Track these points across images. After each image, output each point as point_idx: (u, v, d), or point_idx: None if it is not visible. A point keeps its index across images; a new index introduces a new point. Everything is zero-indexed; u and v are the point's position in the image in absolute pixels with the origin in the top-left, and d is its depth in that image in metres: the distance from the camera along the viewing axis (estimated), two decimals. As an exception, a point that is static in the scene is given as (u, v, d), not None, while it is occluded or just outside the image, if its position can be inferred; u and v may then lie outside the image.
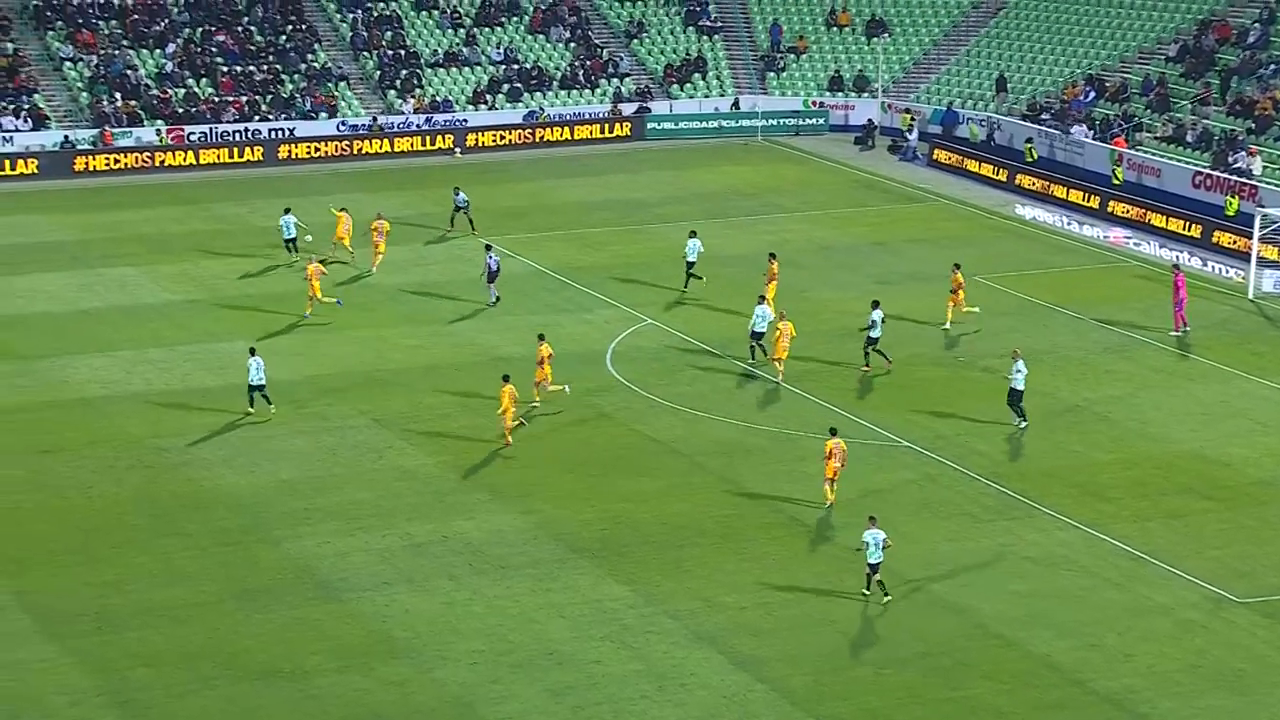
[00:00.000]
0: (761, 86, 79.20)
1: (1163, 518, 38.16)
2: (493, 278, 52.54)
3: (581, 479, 40.28)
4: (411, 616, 33.64)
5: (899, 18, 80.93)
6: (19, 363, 47.79)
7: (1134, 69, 71.78)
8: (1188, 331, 50.04)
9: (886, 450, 41.87)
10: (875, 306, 46.76)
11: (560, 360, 48.12)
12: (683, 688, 31.16)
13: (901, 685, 31.22)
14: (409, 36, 79.19)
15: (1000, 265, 57.43)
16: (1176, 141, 65.44)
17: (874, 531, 34.46)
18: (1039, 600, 34.33)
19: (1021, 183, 66.58)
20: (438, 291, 53.83)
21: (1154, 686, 31.12)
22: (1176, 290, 50.10)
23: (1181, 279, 50.42)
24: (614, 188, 67.99)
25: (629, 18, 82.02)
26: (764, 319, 46.97)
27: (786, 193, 67.37)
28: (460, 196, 60.07)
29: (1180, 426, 43.45)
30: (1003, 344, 48.86)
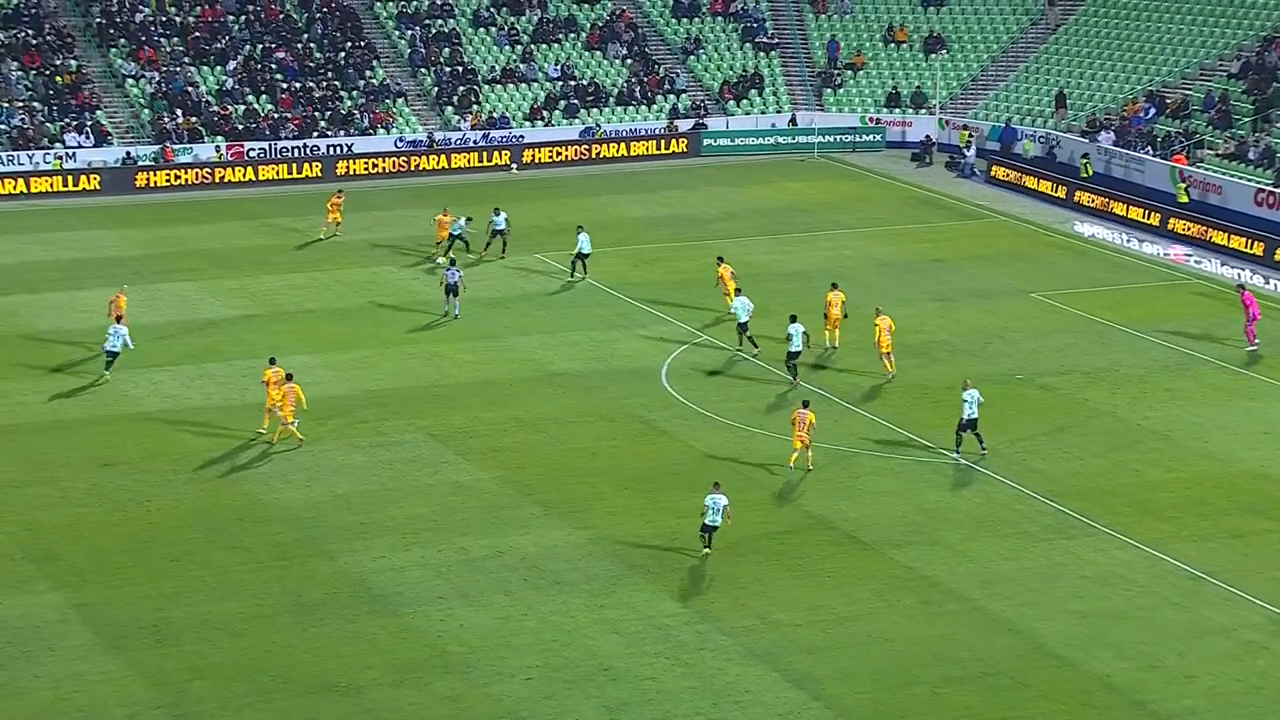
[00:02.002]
0: (818, 103, 79.09)
1: (1224, 537, 37.83)
2: (452, 291, 52.52)
3: (637, 495, 40.28)
4: (466, 631, 33.69)
5: (957, 34, 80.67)
6: (81, 377, 48.20)
7: (1195, 85, 71.28)
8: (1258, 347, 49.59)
9: (944, 468, 41.69)
10: (793, 320, 46.33)
11: (616, 376, 48.26)
12: (737, 705, 31.06)
13: (959, 705, 31.03)
14: (466, 53, 79.57)
15: (1059, 282, 57.14)
16: (1238, 158, 64.93)
17: (716, 497, 36.32)
18: (1098, 620, 34.10)
19: (1080, 199, 66.22)
20: (494, 307, 53.93)
21: (1215, 708, 30.84)
22: (1247, 308, 49.67)
23: (1249, 297, 50.02)
24: (670, 204, 68.04)
25: (686, 34, 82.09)
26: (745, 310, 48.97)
27: (844, 209, 67.25)
28: (500, 218, 59.30)
29: (1241, 445, 43.07)
30: (1062, 362, 48.61)
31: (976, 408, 41.89)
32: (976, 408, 41.89)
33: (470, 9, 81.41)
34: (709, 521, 36.65)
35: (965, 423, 41.91)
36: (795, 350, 46.09)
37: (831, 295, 49.72)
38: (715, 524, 36.66)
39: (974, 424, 41.98)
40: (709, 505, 36.64)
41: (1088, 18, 78.86)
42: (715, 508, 36.59)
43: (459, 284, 52.64)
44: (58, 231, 64.25)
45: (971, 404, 41.89)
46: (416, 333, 52.22)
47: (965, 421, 41.90)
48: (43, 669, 32.29)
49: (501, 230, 59.49)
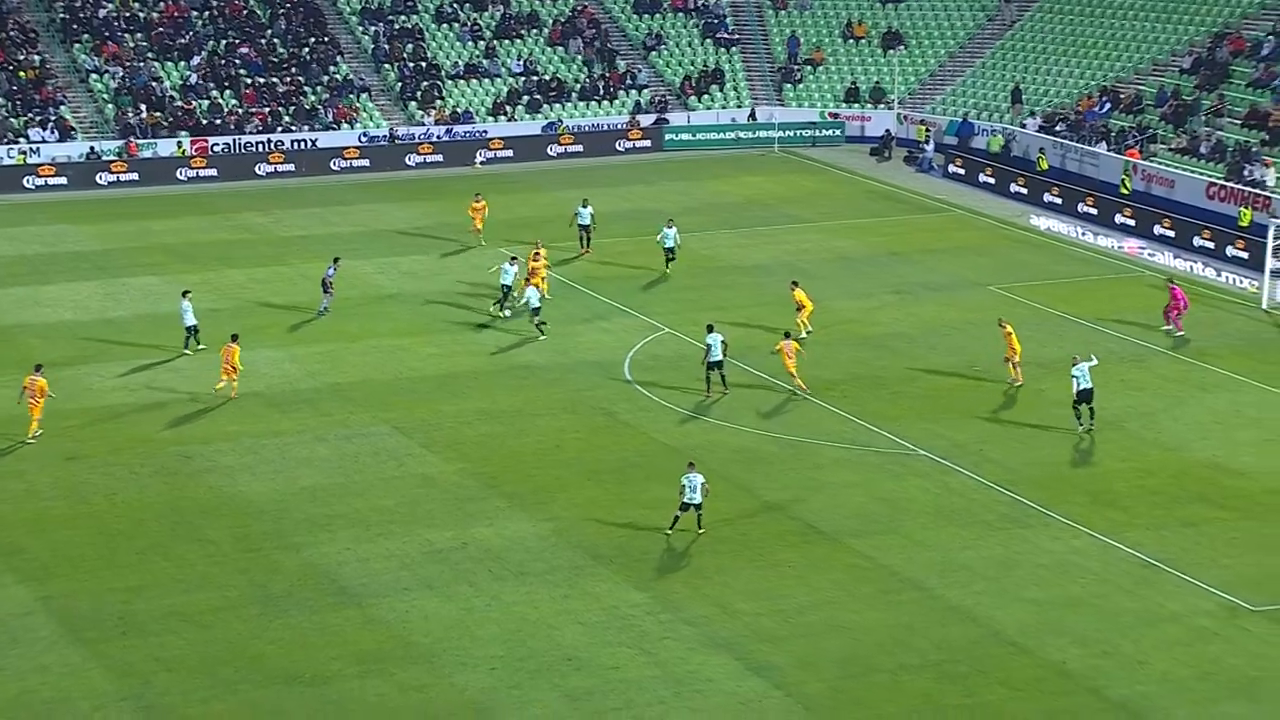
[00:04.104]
0: (778, 98, 79.61)
1: (1176, 526, 38.37)
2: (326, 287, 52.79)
3: (599, 486, 40.65)
4: (431, 622, 33.98)
5: (915, 30, 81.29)
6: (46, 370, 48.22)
7: (1148, 81, 72.07)
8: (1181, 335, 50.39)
9: (903, 459, 42.16)
10: (710, 330, 46.10)
11: (579, 368, 48.64)
12: (699, 693, 31.42)
13: (917, 692, 31.45)
14: (430, 49, 79.77)
15: (1015, 275, 57.73)
16: (1190, 153, 65.70)
17: (692, 476, 37.35)
18: (1053, 608, 34.55)
19: (1036, 193, 66.89)
20: (458, 301, 54.23)
21: (1168, 694, 31.30)
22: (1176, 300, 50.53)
23: (1178, 290, 50.81)
24: (632, 198, 68.40)
25: (647, 30, 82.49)
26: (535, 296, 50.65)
27: (803, 203, 67.74)
28: (585, 211, 58.17)
29: (1194, 435, 43.68)
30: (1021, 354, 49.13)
31: (1088, 378, 42.76)
32: (1088, 378, 42.76)
33: (433, 5, 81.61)
34: (688, 499, 37.34)
35: (1080, 394, 42.84)
36: (716, 360, 45.67)
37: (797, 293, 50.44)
38: (694, 501, 37.31)
39: (1088, 396, 42.83)
40: (685, 484, 37.35)
41: (1043, 14, 79.58)
42: (693, 486, 37.30)
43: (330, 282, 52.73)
44: (23, 226, 64.26)
45: (1082, 377, 42.74)
46: (381, 326, 52.48)
47: (1080, 394, 42.83)
48: (7, 662, 32.43)
49: (586, 225, 59.07)
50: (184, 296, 50.11)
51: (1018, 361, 46.29)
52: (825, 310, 53.22)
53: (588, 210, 59.50)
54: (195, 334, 49.68)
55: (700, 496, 37.44)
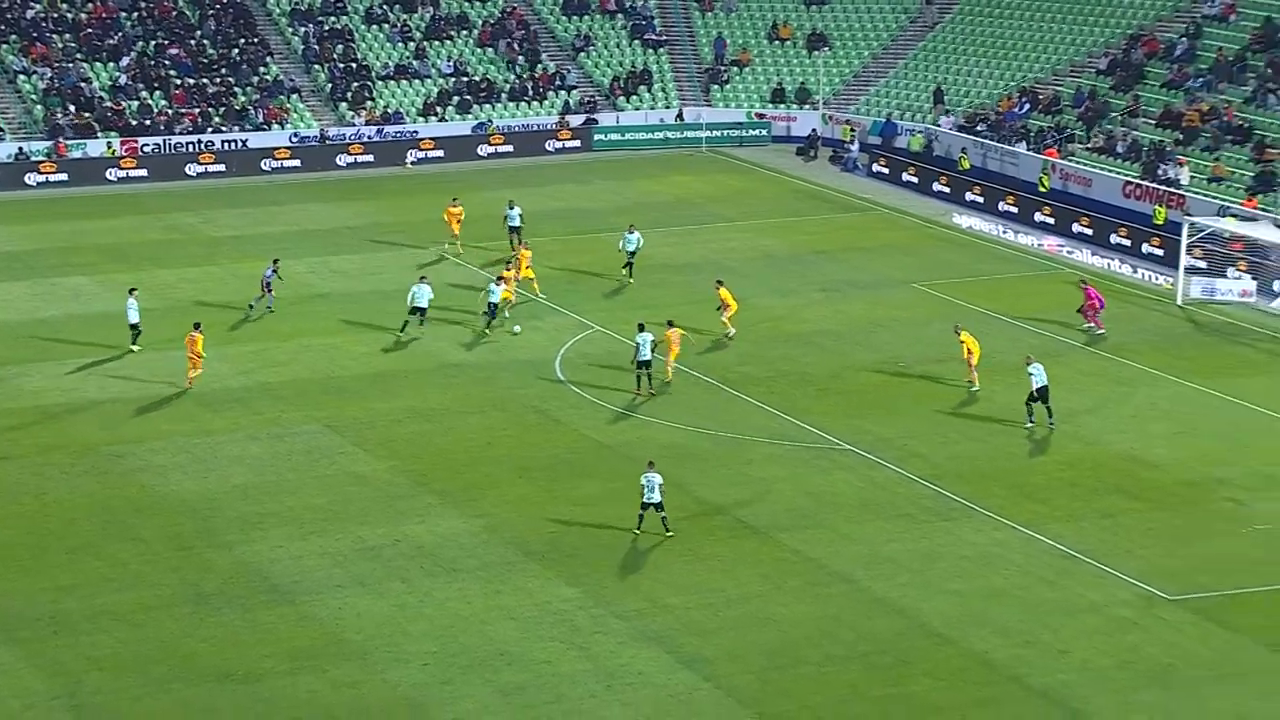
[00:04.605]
0: (706, 99, 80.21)
1: (1095, 517, 39.09)
2: (266, 288, 53.04)
3: (531, 483, 40.99)
4: (363, 619, 34.19)
5: (839, 32, 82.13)
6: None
7: (1066, 82, 73.21)
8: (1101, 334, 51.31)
9: (830, 454, 42.73)
10: (641, 329, 46.42)
11: (510, 366, 48.98)
12: (630, 686, 31.80)
13: (844, 683, 31.93)
14: (360, 50, 79.86)
15: (938, 273, 58.48)
16: (1107, 152, 66.81)
17: (650, 475, 37.49)
18: (976, 599, 35.14)
19: (958, 192, 67.82)
20: (389, 300, 54.45)
21: (1088, 682, 31.90)
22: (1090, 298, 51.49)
23: (1092, 290, 51.79)
24: (562, 197, 68.77)
25: (576, 31, 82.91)
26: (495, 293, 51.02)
27: (731, 202, 68.32)
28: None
29: (1111, 429, 44.48)
30: (942, 350, 49.89)
31: (1044, 376, 43.53)
32: (1044, 376, 43.53)
33: (363, 6, 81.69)
34: (646, 499, 37.62)
35: (1035, 393, 43.51)
36: (645, 359, 45.98)
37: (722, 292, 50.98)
38: (653, 500, 37.57)
39: (1045, 394, 43.53)
40: (644, 483, 37.62)
41: (964, 16, 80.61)
42: (651, 485, 37.55)
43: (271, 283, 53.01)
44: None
45: (1038, 375, 43.44)
46: (313, 325, 52.61)
47: (1035, 392, 43.50)
48: (-59, 661, 32.40)
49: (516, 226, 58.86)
50: (130, 294, 50.09)
51: (974, 364, 46.80)
52: (753, 308, 53.80)
53: (516, 211, 59.84)
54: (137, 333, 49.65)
55: (659, 495, 37.57)
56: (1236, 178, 62.38)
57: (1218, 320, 53.94)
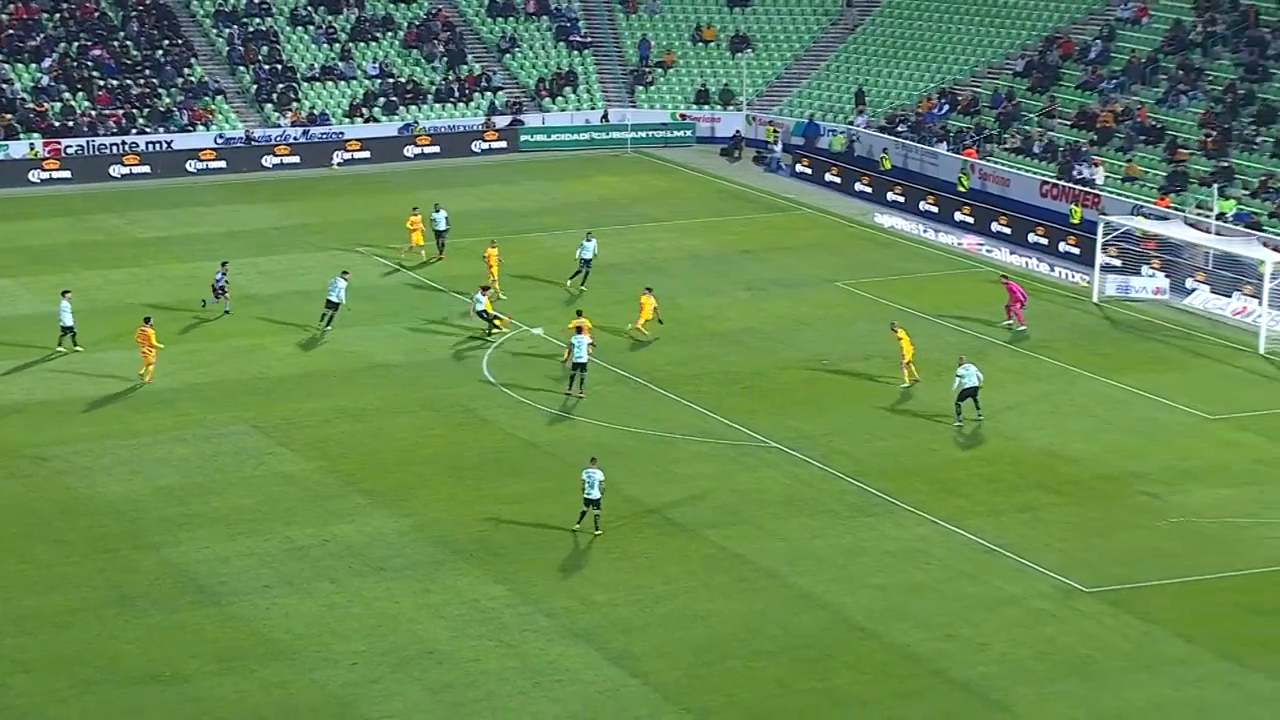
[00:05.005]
0: (631, 100, 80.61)
1: (1014, 512, 39.67)
2: (218, 292, 53.10)
3: (459, 482, 41.16)
4: (292, 619, 34.27)
5: (762, 34, 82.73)
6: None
7: (984, 83, 74.13)
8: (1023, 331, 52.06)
9: (756, 452, 43.15)
10: (579, 331, 46.76)
11: (438, 366, 49.14)
12: (558, 683, 32.01)
13: (770, 677, 32.29)
14: (285, 51, 79.68)
15: (861, 272, 59.05)
16: (1024, 153, 67.72)
17: (592, 471, 37.63)
18: (898, 593, 35.63)
19: (880, 192, 68.54)
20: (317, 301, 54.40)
21: (1008, 674, 32.39)
22: (1013, 294, 52.19)
23: (1014, 285, 52.50)
24: (490, 198, 68.90)
25: (501, 33, 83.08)
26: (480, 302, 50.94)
27: (656, 202, 68.69)
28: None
29: (1030, 424, 45.14)
30: (865, 347, 50.50)
31: (975, 379, 44.16)
32: (975, 379, 44.16)
33: (288, 7, 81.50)
34: (586, 495, 37.88)
35: (965, 392, 44.21)
36: (580, 361, 46.18)
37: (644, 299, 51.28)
38: (592, 497, 37.81)
39: (974, 393, 44.21)
40: (585, 479, 37.87)
41: (884, 18, 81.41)
42: (591, 482, 37.80)
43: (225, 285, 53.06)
44: None
45: (968, 376, 44.09)
46: (239, 326, 52.53)
47: (965, 391, 44.19)
48: None
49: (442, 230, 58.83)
50: (63, 296, 49.75)
51: (908, 362, 47.34)
52: (679, 308, 54.20)
53: (442, 214, 59.92)
54: (72, 335, 49.43)
55: (598, 493, 37.81)
56: (1150, 177, 63.39)
57: (1133, 317, 54.81)
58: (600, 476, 37.93)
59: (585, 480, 37.96)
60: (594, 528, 38.20)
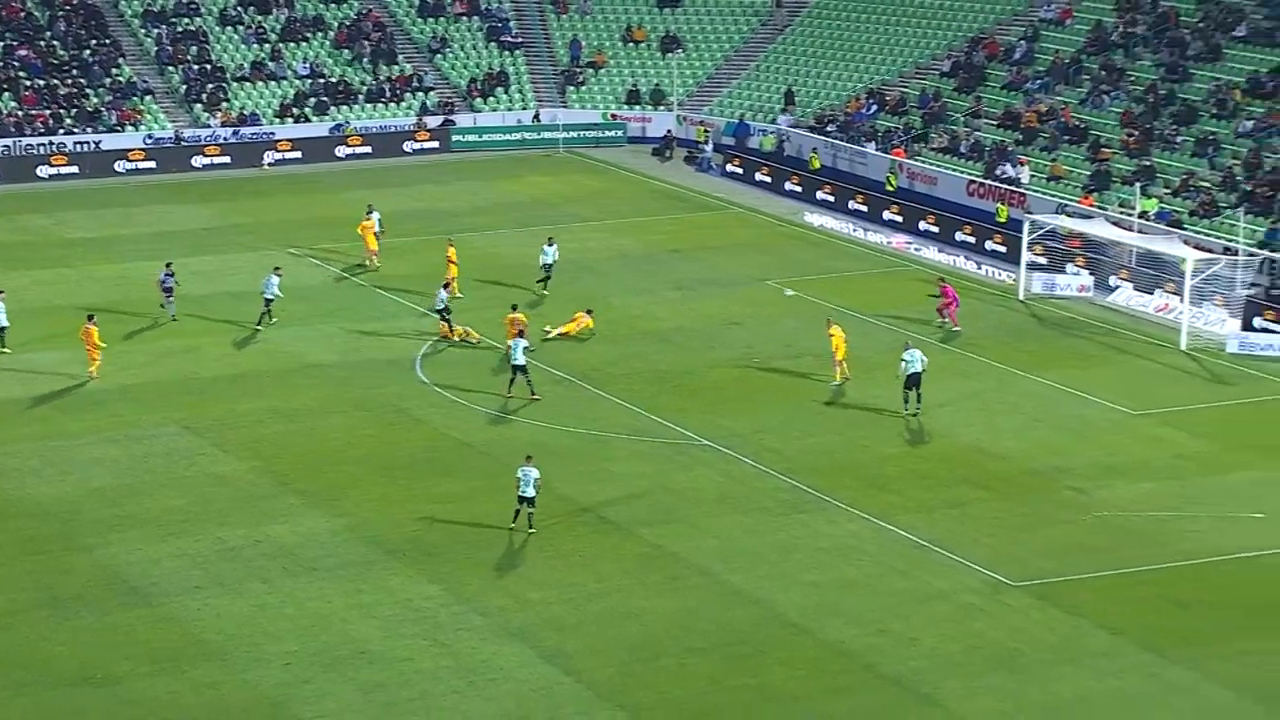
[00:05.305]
0: (562, 100, 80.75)
1: (944, 507, 40.08)
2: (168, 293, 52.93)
3: (392, 482, 41.18)
4: (224, 620, 34.22)
5: (692, 34, 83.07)
6: None
7: (911, 84, 74.78)
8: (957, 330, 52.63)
9: (689, 450, 43.36)
10: (521, 335, 46.78)
11: (370, 366, 49.14)
12: (492, 682, 32.10)
13: (704, 674, 32.49)
14: (214, 51, 79.31)
15: (791, 270, 59.39)
16: (951, 152, 68.35)
17: (527, 469, 37.68)
18: (830, 589, 35.92)
19: (810, 191, 68.99)
20: (248, 301, 54.28)
21: (937, 668, 32.75)
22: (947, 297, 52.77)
23: (949, 288, 53.09)
24: (422, 198, 68.85)
25: (432, 33, 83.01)
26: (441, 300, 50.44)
27: (588, 202, 68.85)
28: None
29: (959, 421, 45.59)
30: (795, 346, 50.84)
31: (919, 365, 44.74)
32: (919, 365, 44.74)
33: (217, 7, 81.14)
34: (521, 492, 37.92)
35: (909, 378, 44.68)
36: (518, 364, 46.10)
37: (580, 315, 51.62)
38: (527, 495, 37.87)
39: (917, 380, 44.72)
40: (520, 477, 37.89)
41: (812, 19, 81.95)
42: (526, 480, 37.84)
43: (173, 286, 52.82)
44: None
45: (913, 361, 44.64)
46: (171, 327, 52.32)
47: (909, 377, 44.65)
48: None
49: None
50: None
51: (840, 359, 47.61)
52: (611, 307, 54.42)
53: (375, 216, 59.83)
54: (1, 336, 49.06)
55: (533, 490, 37.88)
56: (1074, 177, 64.13)
57: (1058, 315, 55.44)
58: (535, 474, 38.02)
59: (520, 478, 38.04)
60: (528, 526, 38.31)
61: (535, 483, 37.99)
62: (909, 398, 45.28)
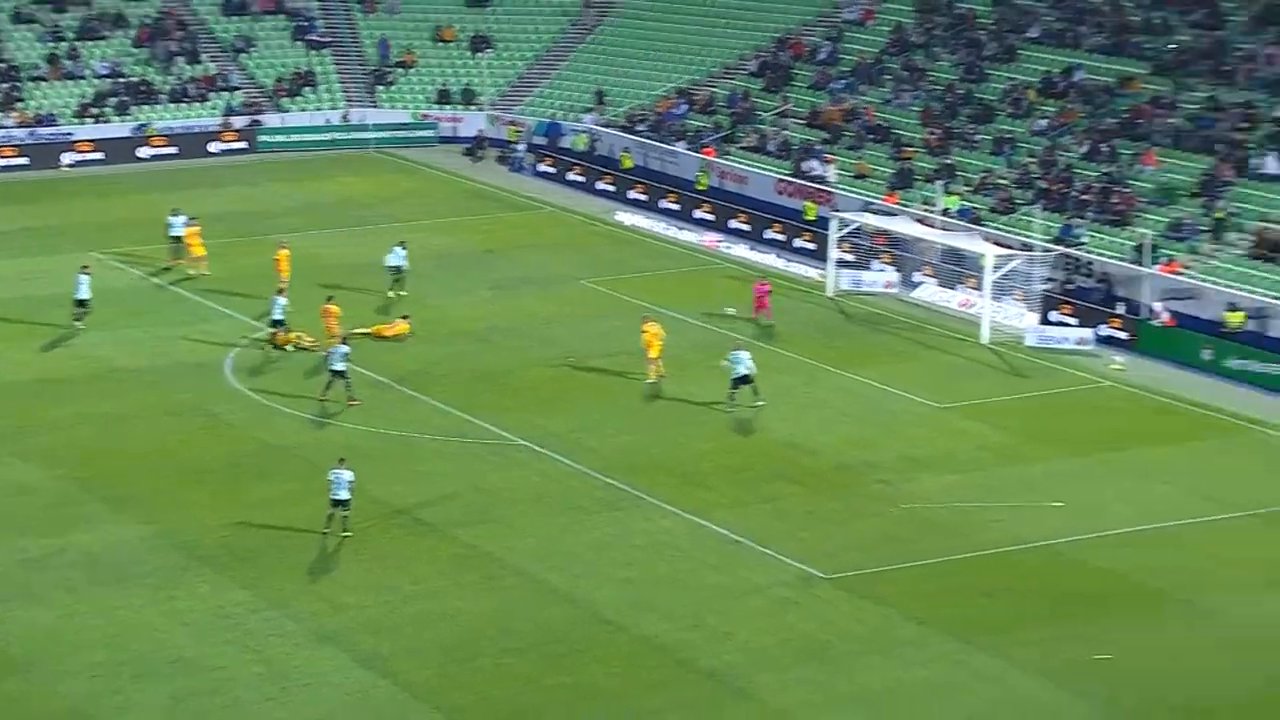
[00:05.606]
0: (372, 100, 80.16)
1: (758, 503, 40.62)
2: None
3: (203, 487, 40.66)
4: (28, 631, 33.53)
5: (501, 34, 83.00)
6: None
7: (720, 83, 75.60)
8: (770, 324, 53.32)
9: (504, 450, 43.40)
10: (344, 341, 46.67)
11: (180, 371, 48.40)
12: (306, 688, 31.89)
13: (521, 673, 32.59)
14: (7, 50, 77.29)
15: (605, 269, 59.68)
16: (760, 151, 69.22)
17: (340, 471, 37.46)
18: (646, 586, 36.24)
19: (622, 190, 69.39)
20: (50, 305, 53.08)
21: (751, 662, 33.20)
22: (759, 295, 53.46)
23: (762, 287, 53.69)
24: (229, 200, 67.87)
25: (237, 32, 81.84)
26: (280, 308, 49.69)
27: (401, 203, 68.48)
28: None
29: (773, 416, 46.15)
30: (610, 344, 51.12)
31: (745, 367, 45.30)
32: (745, 367, 45.30)
33: (10, 5, 79.09)
34: (333, 495, 37.54)
35: (736, 380, 45.21)
36: (336, 369, 45.54)
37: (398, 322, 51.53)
38: (340, 498, 37.47)
39: (748, 379, 45.32)
40: (333, 480, 37.54)
41: (622, 20, 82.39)
42: (339, 482, 37.51)
43: None
44: None
45: (740, 364, 45.10)
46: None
47: (736, 379, 45.20)
48: None
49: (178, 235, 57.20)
50: None
51: (653, 358, 47.79)
52: (427, 308, 54.24)
53: (179, 219, 58.85)
54: None
55: (346, 493, 37.56)
56: (879, 175, 65.33)
57: (866, 311, 56.42)
58: (349, 477, 37.75)
59: (332, 481, 37.74)
60: (342, 529, 38.02)
61: (348, 485, 37.70)
62: (734, 395, 45.75)
